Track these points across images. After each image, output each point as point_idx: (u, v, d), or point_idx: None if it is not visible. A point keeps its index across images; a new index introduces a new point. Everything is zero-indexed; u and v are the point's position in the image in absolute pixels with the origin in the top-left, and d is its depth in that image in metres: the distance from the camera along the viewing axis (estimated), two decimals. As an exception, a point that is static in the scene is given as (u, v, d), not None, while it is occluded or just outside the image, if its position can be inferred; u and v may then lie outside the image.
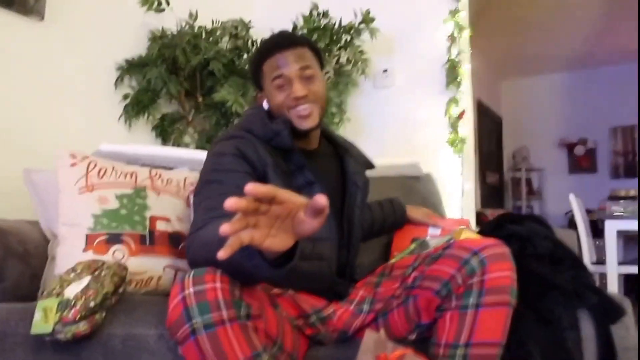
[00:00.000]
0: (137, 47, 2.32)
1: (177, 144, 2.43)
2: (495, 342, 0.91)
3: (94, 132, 2.12)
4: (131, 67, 2.27)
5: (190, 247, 0.92)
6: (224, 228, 0.61)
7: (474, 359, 0.90)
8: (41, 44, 1.95)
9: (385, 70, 2.57)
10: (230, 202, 0.59)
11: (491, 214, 4.34)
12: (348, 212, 1.18)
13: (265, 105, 1.16)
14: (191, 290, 0.76)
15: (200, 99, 2.43)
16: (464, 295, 0.91)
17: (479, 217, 4.04)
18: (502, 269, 0.91)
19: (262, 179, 1.04)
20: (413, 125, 2.46)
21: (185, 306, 0.75)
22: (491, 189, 5.54)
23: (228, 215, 0.89)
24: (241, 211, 0.62)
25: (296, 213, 0.67)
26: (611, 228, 3.20)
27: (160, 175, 1.34)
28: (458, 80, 2.32)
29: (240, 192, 0.98)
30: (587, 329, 1.30)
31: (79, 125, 2.07)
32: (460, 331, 0.91)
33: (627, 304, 1.38)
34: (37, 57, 1.94)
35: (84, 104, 2.11)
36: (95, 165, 1.26)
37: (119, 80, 2.26)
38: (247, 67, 2.46)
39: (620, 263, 3.28)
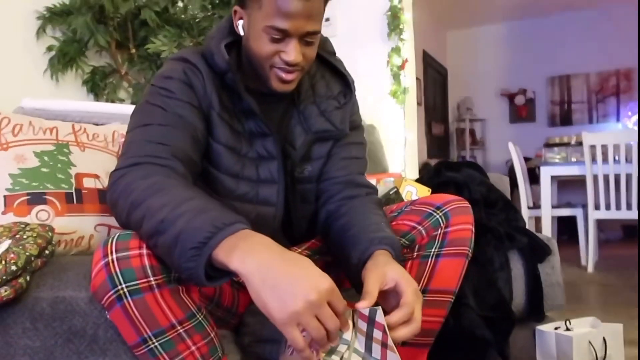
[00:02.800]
0: (59, -7, 2.14)
1: (112, 99, 2.31)
2: (450, 289, 0.95)
3: (14, 88, 1.97)
4: (53, 16, 2.10)
5: (116, 189, 0.79)
6: None
7: (428, 305, 0.93)
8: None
9: (327, 19, 2.51)
10: None
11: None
12: (291, 173, 1.03)
13: (240, 28, 0.92)
14: (114, 256, 0.71)
15: (133, 51, 2.30)
16: (426, 246, 0.95)
17: (425, 167, 4.14)
18: (464, 222, 0.94)
19: (206, 119, 0.92)
20: (355, 76, 2.42)
21: (109, 273, 0.71)
22: (437, 139, 5.66)
23: (164, 158, 0.82)
24: None
25: None
26: (546, 173, 3.36)
27: (84, 130, 1.26)
28: (400, 27, 2.29)
29: (182, 123, 0.88)
30: (517, 268, 1.37)
31: (-3, 80, 1.92)
32: (418, 278, 0.93)
33: (553, 244, 1.47)
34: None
35: (1, 58, 1.94)
36: (8, 122, 1.16)
37: (40, 31, 2.09)
38: (182, 16, 2.34)
39: (554, 206, 3.47)
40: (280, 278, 0.65)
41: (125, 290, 0.71)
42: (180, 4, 2.35)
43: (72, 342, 0.97)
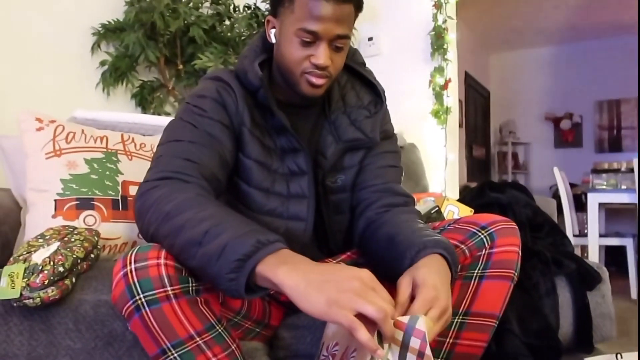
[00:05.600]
0: (114, 11, 2.25)
1: (158, 113, 2.38)
2: (493, 313, 0.90)
3: (69, 100, 2.05)
4: (107, 32, 2.20)
5: (148, 199, 0.80)
6: None
7: (469, 328, 0.90)
8: (10, 5, 1.87)
9: (370, 39, 2.52)
10: None
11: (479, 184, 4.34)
12: (323, 183, 1.04)
13: (272, 36, 0.96)
14: (132, 266, 0.72)
15: (180, 66, 2.37)
16: (469, 266, 0.91)
17: (464, 190, 4.06)
18: (510, 244, 0.90)
19: (237, 136, 0.96)
20: (398, 95, 2.42)
21: (128, 283, 0.71)
22: (478, 162, 5.55)
23: (192, 176, 0.84)
24: None
25: None
26: (593, 200, 3.23)
27: (132, 140, 1.30)
28: (444, 47, 2.28)
29: (211, 142, 0.91)
30: (564, 295, 1.31)
31: (53, 92, 2.01)
32: (460, 300, 0.90)
33: (603, 272, 1.40)
34: (7, 20, 1.86)
35: (58, 70, 2.04)
36: (63, 129, 1.21)
37: (95, 46, 2.19)
38: (229, 34, 2.40)
39: (601, 235, 3.32)
40: (325, 279, 0.66)
41: (143, 300, 0.71)
42: (227, 22, 2.42)
43: (112, 345, 0.99)
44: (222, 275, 0.68)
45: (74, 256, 0.99)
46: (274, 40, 0.96)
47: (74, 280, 0.99)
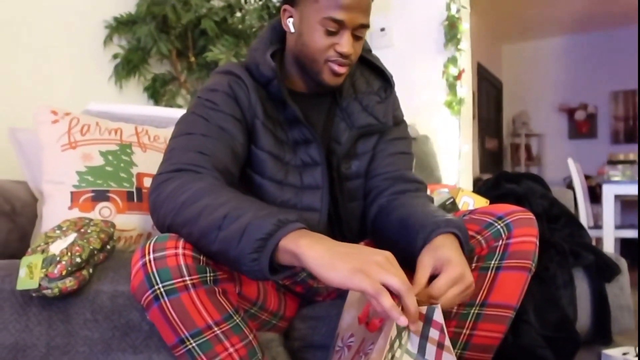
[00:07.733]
0: (126, 4, 2.25)
1: (170, 105, 2.39)
2: (510, 304, 0.90)
3: (82, 93, 2.07)
4: (120, 25, 2.20)
5: (163, 191, 0.80)
6: None
7: (486, 319, 0.89)
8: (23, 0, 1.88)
9: (382, 29, 2.50)
10: None
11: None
12: (337, 170, 1.04)
13: (290, 26, 0.96)
14: (151, 256, 0.72)
15: (192, 59, 2.37)
16: (486, 257, 0.90)
17: (477, 182, 4.02)
18: (528, 235, 0.90)
19: (250, 129, 0.96)
20: (411, 86, 2.41)
21: (146, 273, 0.71)
22: (490, 154, 5.51)
23: (205, 168, 0.84)
24: None
25: None
26: (609, 192, 3.19)
27: (146, 132, 1.31)
28: (458, 37, 2.25)
29: (223, 135, 0.91)
30: (582, 287, 1.30)
31: (66, 85, 2.02)
32: (477, 291, 0.89)
33: (622, 264, 1.38)
34: (20, 14, 1.87)
35: (71, 64, 2.05)
36: (77, 122, 1.22)
37: (107, 39, 2.19)
38: (240, 26, 2.40)
39: (617, 227, 3.28)
40: (349, 251, 0.68)
41: (161, 290, 0.71)
42: (238, 14, 2.41)
43: (129, 335, 0.99)
44: (245, 255, 0.69)
45: (91, 247, 1.00)
46: (292, 30, 0.96)
47: (91, 271, 1.00)
